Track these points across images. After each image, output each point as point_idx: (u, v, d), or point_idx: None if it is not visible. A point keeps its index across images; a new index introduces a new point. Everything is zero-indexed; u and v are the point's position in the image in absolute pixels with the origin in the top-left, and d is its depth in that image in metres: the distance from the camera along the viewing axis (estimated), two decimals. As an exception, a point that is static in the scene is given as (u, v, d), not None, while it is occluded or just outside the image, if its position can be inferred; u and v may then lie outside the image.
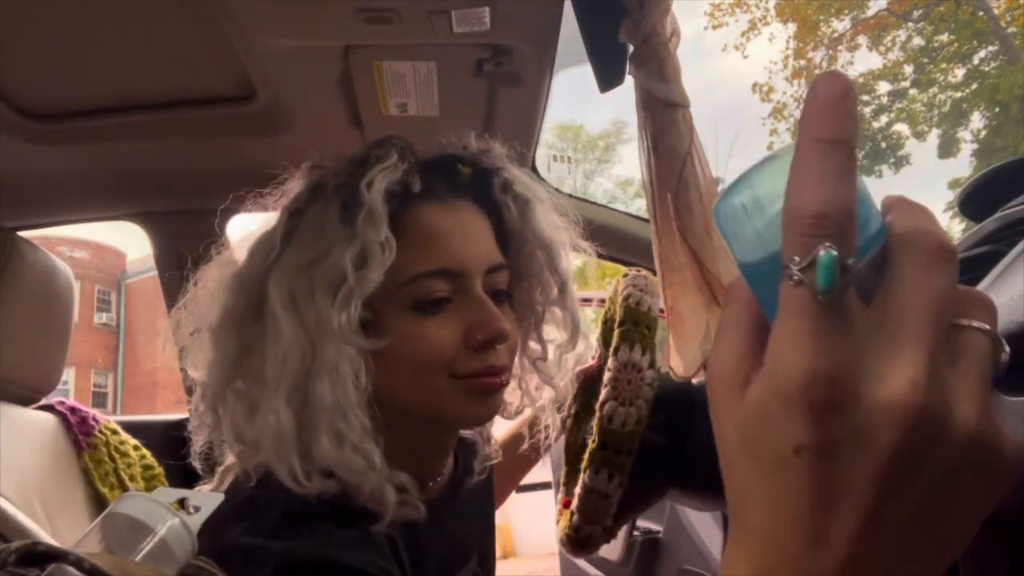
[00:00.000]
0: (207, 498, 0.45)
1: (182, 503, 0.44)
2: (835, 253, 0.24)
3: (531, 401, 0.85)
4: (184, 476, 1.01)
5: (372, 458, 0.64)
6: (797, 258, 0.24)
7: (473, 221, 0.73)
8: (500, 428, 1.03)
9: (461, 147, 0.77)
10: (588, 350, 0.85)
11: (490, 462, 0.86)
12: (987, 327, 0.27)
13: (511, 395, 0.85)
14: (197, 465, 0.74)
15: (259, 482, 0.65)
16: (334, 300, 0.63)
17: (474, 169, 0.75)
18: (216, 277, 0.72)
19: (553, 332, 0.83)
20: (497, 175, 0.76)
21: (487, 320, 0.68)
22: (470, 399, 0.69)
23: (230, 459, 0.71)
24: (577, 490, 0.86)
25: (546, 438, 0.88)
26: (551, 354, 0.82)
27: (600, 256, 0.85)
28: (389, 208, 0.66)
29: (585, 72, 0.91)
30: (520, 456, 0.97)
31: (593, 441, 0.83)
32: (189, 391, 0.76)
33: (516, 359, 0.81)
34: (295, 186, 0.73)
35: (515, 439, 0.99)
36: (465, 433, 0.87)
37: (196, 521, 0.43)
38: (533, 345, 0.83)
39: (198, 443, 0.72)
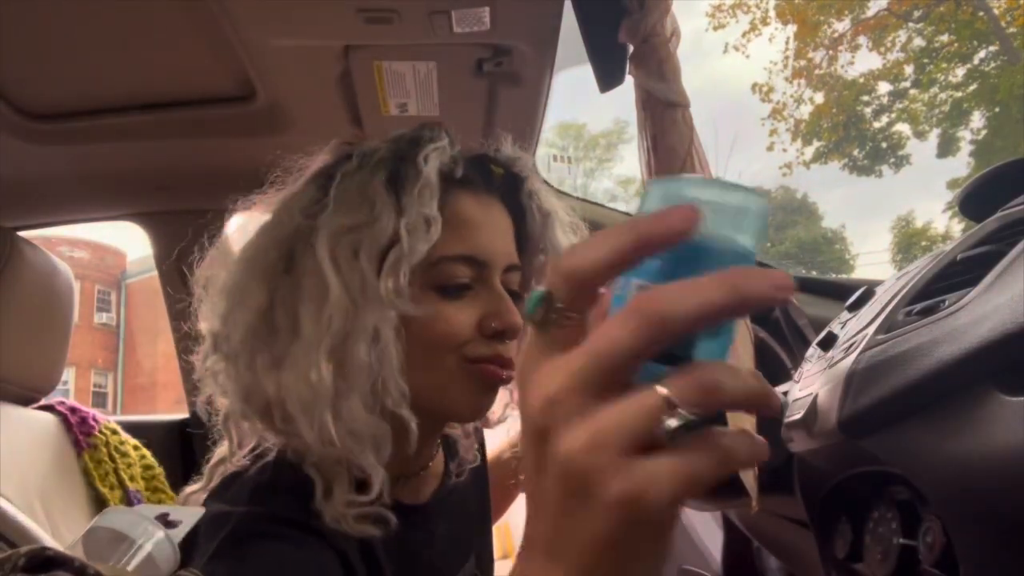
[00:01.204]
0: (188, 512, 0.45)
1: (164, 518, 0.45)
2: (543, 291, 0.31)
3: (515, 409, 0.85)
4: (184, 476, 1.01)
5: (406, 423, 0.64)
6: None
7: (501, 219, 0.74)
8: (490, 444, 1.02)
9: (494, 150, 0.78)
10: None
11: (470, 464, 0.85)
12: (664, 393, 0.29)
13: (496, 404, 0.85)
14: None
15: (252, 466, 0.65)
16: (380, 266, 0.64)
17: (505, 172, 0.77)
18: (242, 229, 0.72)
19: None
20: (526, 182, 0.78)
21: (504, 311, 0.69)
22: (474, 387, 0.70)
23: (220, 452, 0.71)
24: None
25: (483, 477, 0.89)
26: None
27: None
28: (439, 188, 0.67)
29: (587, 71, 0.91)
30: (513, 472, 0.97)
31: None
32: (191, 389, 0.75)
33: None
34: (324, 157, 0.74)
35: (506, 460, 0.99)
36: (452, 432, 0.86)
37: (178, 534, 0.43)
38: None
39: (201, 400, 0.71)
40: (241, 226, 0.74)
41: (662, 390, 0.29)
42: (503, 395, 0.83)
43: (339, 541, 0.63)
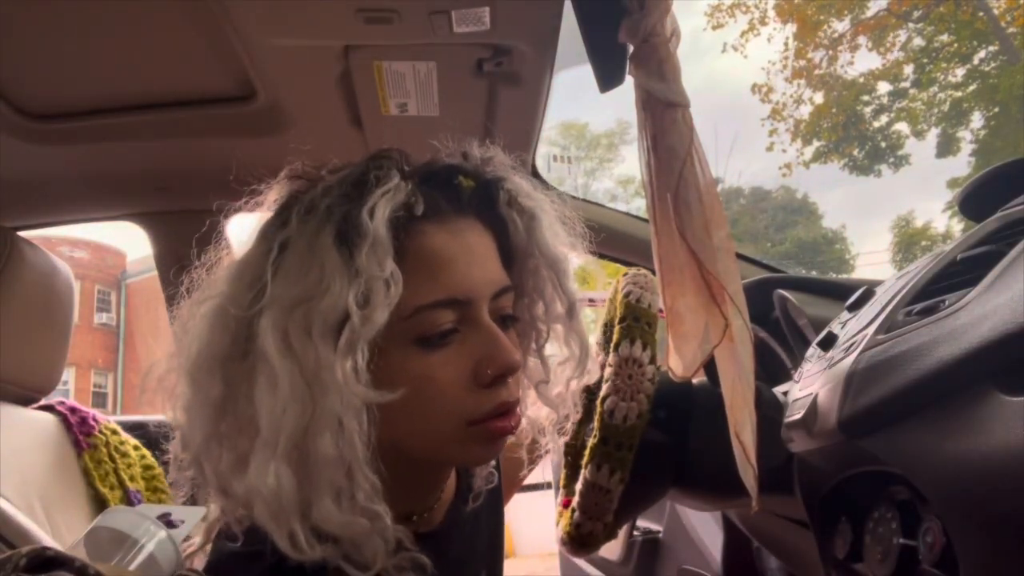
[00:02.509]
0: (189, 512, 0.45)
1: (165, 518, 0.45)
2: None
3: (530, 424, 0.80)
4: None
5: (382, 519, 0.58)
6: None
7: (479, 242, 0.67)
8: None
9: (460, 155, 0.71)
10: (596, 371, 0.80)
11: (490, 484, 0.81)
12: None
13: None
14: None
15: (245, 540, 0.60)
16: (335, 344, 0.57)
17: (477, 182, 0.69)
18: (196, 309, 0.64)
19: (553, 350, 0.78)
20: (501, 188, 0.71)
21: (497, 353, 0.62)
22: (477, 445, 0.64)
23: (214, 511, 0.64)
24: (578, 486, 0.86)
25: (544, 454, 0.85)
26: (553, 375, 0.77)
27: (601, 256, 0.82)
28: (392, 236, 0.60)
29: (586, 70, 0.91)
30: (513, 467, 0.96)
31: (594, 436, 0.83)
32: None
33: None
34: (275, 197, 0.67)
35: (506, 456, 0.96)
36: None
37: (180, 534, 0.43)
38: (533, 364, 0.77)
39: (179, 499, 0.62)
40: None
41: None
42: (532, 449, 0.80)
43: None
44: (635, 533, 1.55)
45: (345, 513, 0.56)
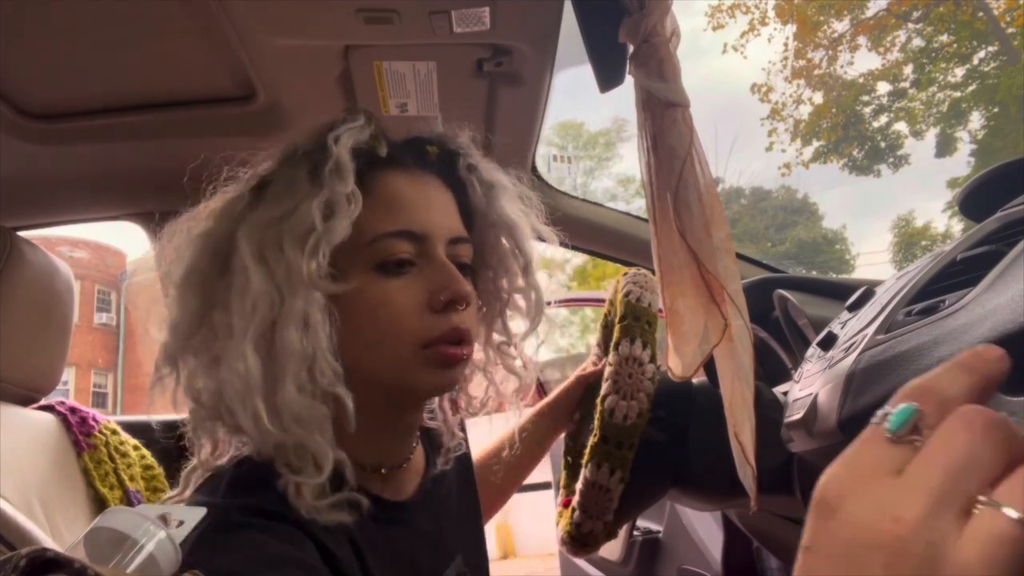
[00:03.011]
0: (189, 512, 0.45)
1: (164, 518, 0.45)
2: (914, 408, 0.30)
3: (496, 392, 0.85)
4: (184, 476, 1.01)
5: (344, 403, 0.64)
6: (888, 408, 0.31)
7: (438, 194, 0.74)
8: (482, 443, 1.01)
9: (428, 131, 0.79)
10: (549, 333, 0.85)
11: (456, 453, 0.85)
12: (1014, 514, 0.26)
13: (477, 388, 0.85)
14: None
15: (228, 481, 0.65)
16: (303, 250, 0.64)
17: (441, 150, 0.77)
18: (182, 235, 0.72)
19: (518, 322, 0.83)
20: (462, 157, 0.78)
21: (449, 281, 0.69)
22: (432, 369, 0.69)
23: (194, 460, 0.71)
24: (578, 486, 0.86)
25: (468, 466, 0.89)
26: (516, 343, 0.83)
27: (601, 256, 0.85)
28: (356, 166, 0.68)
29: (585, 70, 0.91)
30: (511, 470, 0.97)
31: (594, 436, 0.83)
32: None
33: (481, 348, 0.82)
34: (265, 160, 0.75)
35: (498, 453, 0.99)
36: (432, 423, 0.86)
37: (180, 534, 0.43)
38: (497, 334, 0.83)
39: (157, 404, 0.72)
40: (179, 231, 0.74)
41: (1000, 507, 0.26)
42: (480, 381, 0.84)
43: (319, 533, 0.63)
44: (635, 533, 1.55)
45: (307, 399, 0.63)
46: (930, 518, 0.27)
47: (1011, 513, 0.26)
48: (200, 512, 0.46)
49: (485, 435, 1.03)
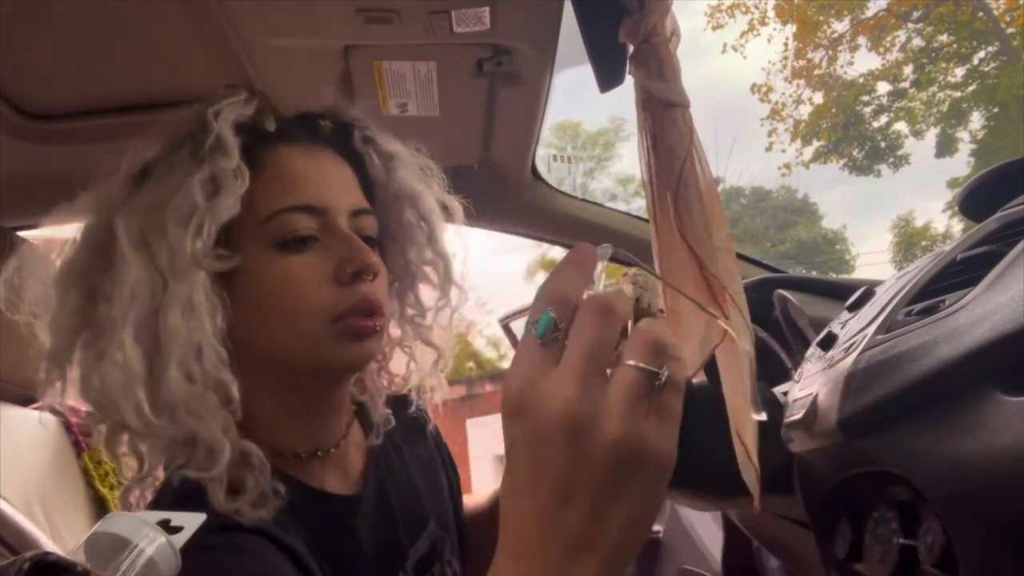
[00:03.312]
0: (190, 518, 0.45)
1: (165, 523, 0.45)
2: (550, 316, 0.38)
3: (417, 366, 0.84)
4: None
5: (229, 390, 0.62)
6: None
7: (335, 167, 0.72)
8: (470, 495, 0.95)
9: (317, 106, 0.77)
10: (462, 301, 0.83)
11: (388, 426, 0.81)
12: (639, 364, 0.37)
13: (397, 365, 0.84)
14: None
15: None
16: (187, 231, 0.62)
17: (334, 123, 0.75)
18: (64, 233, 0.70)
19: (431, 295, 0.82)
20: (357, 130, 0.76)
21: (354, 252, 0.67)
22: (342, 343, 0.67)
23: (129, 475, 0.69)
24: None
25: (432, 399, 0.86)
26: (429, 316, 0.82)
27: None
28: (243, 142, 0.66)
29: (585, 70, 0.91)
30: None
31: None
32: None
33: (396, 324, 0.81)
34: (145, 143, 0.71)
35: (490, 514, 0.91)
36: (361, 398, 0.83)
37: (180, 540, 0.43)
38: (411, 308, 0.82)
39: (44, 410, 0.71)
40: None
41: (637, 363, 0.37)
42: (400, 357, 0.83)
43: (281, 535, 0.61)
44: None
45: (193, 387, 0.60)
46: (586, 391, 0.36)
47: (631, 363, 0.37)
48: (200, 518, 0.46)
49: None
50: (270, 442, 0.69)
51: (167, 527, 0.44)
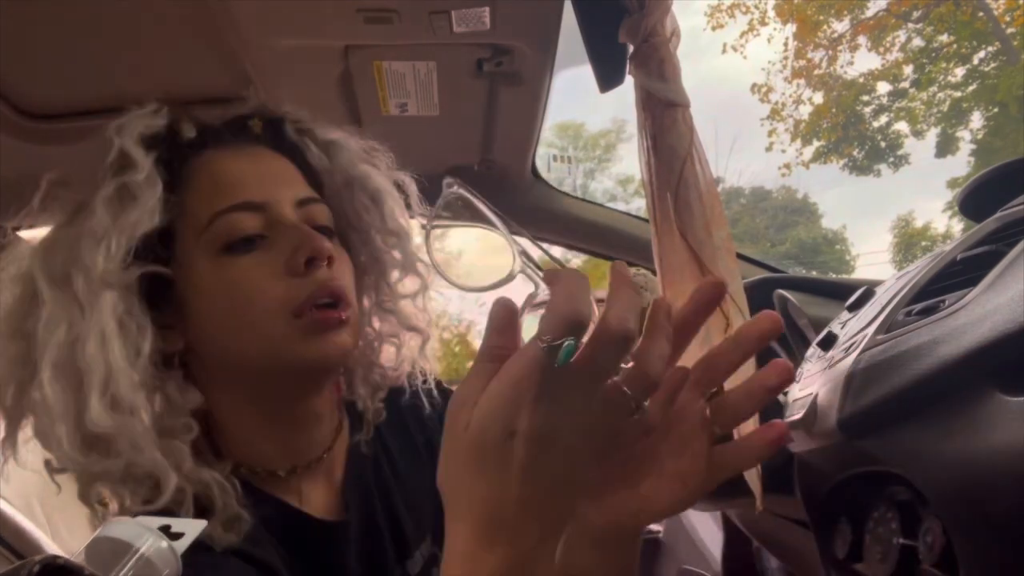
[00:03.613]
0: (190, 524, 0.45)
1: (166, 529, 0.45)
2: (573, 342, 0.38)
3: (406, 355, 0.80)
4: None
5: (142, 414, 0.58)
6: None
7: (271, 161, 0.69)
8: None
9: (246, 108, 0.74)
10: (430, 279, 0.80)
11: (379, 419, 0.77)
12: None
13: (387, 357, 0.79)
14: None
15: None
16: (98, 252, 0.59)
17: (264, 120, 0.72)
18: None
19: (406, 282, 0.79)
20: (288, 122, 0.74)
21: (304, 239, 0.63)
22: (307, 338, 0.62)
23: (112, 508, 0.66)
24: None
25: (424, 382, 0.81)
26: (406, 302, 0.79)
27: (601, 256, 0.82)
28: (161, 154, 0.63)
29: (585, 70, 0.91)
30: None
31: None
32: None
33: (378, 318, 0.78)
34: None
35: None
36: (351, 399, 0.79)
37: (181, 546, 0.43)
38: (385, 296, 0.78)
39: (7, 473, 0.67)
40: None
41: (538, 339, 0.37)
42: (388, 350, 0.79)
43: (261, 556, 0.59)
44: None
45: (115, 415, 0.57)
46: (507, 401, 0.38)
47: (541, 341, 0.37)
48: (201, 524, 0.46)
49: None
50: (245, 459, 0.66)
51: (168, 532, 0.44)
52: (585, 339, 0.38)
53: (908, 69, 13.77)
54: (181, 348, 0.65)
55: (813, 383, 0.64)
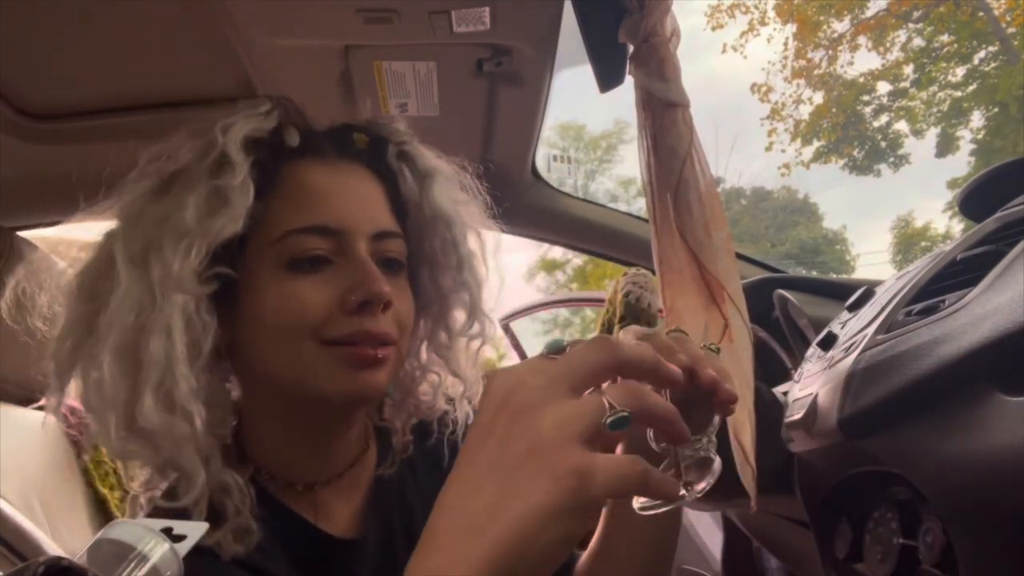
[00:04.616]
0: (192, 527, 0.45)
1: (168, 531, 0.45)
2: (564, 343, 0.42)
3: (443, 395, 0.78)
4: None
5: (194, 419, 0.58)
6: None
7: (361, 184, 0.68)
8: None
9: (356, 118, 0.74)
10: (491, 332, 0.78)
11: (406, 453, 0.75)
12: (605, 396, 0.39)
13: (425, 389, 0.78)
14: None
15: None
16: (177, 251, 0.60)
17: (369, 137, 0.71)
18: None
19: (462, 320, 0.77)
20: (393, 144, 0.72)
21: (364, 281, 0.61)
22: (339, 371, 0.61)
23: (135, 485, 0.67)
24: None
25: (452, 432, 0.78)
26: (458, 343, 0.77)
27: (601, 257, 0.81)
28: (259, 157, 0.63)
29: (586, 72, 0.91)
30: None
31: None
32: None
33: (424, 350, 0.76)
34: (180, 150, 0.68)
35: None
36: (385, 424, 0.78)
37: (183, 548, 0.43)
38: (441, 334, 0.76)
39: (48, 418, 0.69)
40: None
41: (603, 395, 0.39)
42: (429, 379, 0.77)
43: (253, 565, 0.59)
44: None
45: (166, 414, 0.58)
46: (546, 387, 0.39)
47: (607, 399, 0.39)
48: (203, 527, 0.46)
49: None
50: (267, 465, 0.66)
51: (170, 535, 0.44)
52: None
53: (908, 69, 13.77)
54: (230, 341, 0.65)
55: (813, 383, 0.64)
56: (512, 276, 0.84)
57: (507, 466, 0.37)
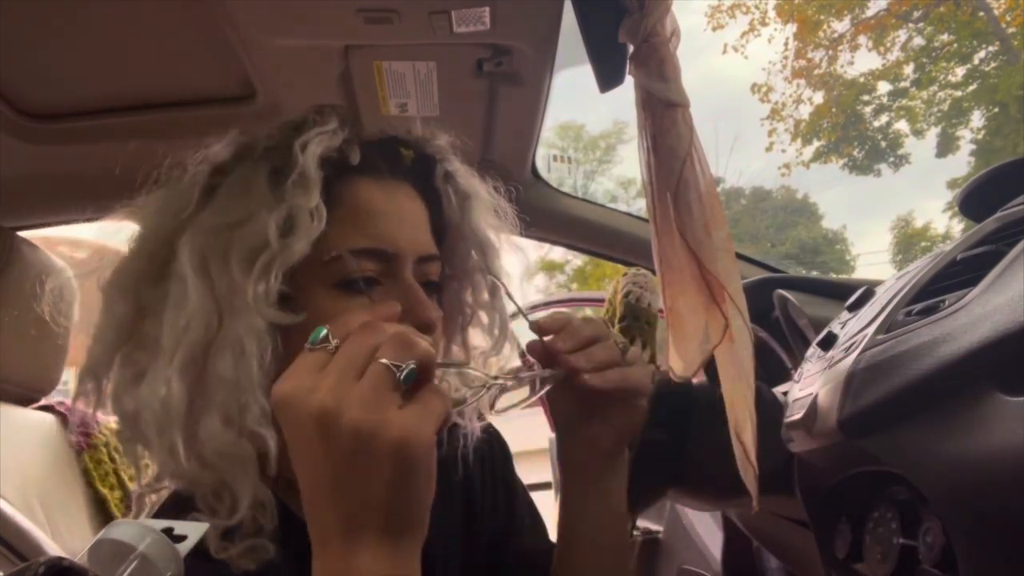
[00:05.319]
0: (193, 527, 0.45)
1: (169, 532, 0.44)
2: (324, 331, 0.49)
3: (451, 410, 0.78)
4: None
5: (267, 443, 0.57)
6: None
7: (411, 205, 0.69)
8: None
9: (405, 131, 0.73)
10: (513, 354, 0.78)
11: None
12: (384, 360, 0.45)
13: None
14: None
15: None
16: (251, 268, 0.58)
17: (416, 154, 0.72)
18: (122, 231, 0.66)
19: (478, 338, 0.78)
20: (439, 164, 0.73)
21: (415, 307, 0.62)
22: None
23: (144, 480, 0.65)
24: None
25: (464, 445, 0.79)
26: (476, 360, 0.77)
27: (601, 257, 0.80)
28: (323, 175, 0.62)
29: (586, 72, 0.91)
30: None
31: None
32: None
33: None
34: (220, 148, 0.67)
35: None
36: None
37: (184, 548, 0.43)
38: (456, 349, 0.78)
39: (75, 416, 0.68)
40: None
41: (382, 359, 0.45)
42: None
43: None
44: (635, 533, 1.55)
45: (232, 435, 0.57)
46: (337, 384, 0.44)
47: (383, 360, 0.44)
48: (203, 527, 0.46)
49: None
50: (288, 472, 0.65)
51: (170, 535, 0.44)
52: None
53: (908, 69, 13.77)
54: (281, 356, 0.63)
55: (813, 383, 0.64)
56: (511, 276, 0.85)
57: (342, 470, 0.43)
